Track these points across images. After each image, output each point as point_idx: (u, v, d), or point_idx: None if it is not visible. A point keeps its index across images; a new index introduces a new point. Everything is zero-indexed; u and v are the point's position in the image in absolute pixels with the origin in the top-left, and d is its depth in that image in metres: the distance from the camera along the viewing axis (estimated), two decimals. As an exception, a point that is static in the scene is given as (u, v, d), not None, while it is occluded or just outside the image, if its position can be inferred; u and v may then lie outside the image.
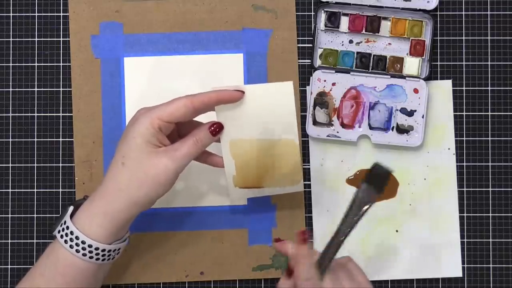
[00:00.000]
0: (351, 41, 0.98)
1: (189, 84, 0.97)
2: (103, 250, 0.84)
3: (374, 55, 0.97)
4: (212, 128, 0.85)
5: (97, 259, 0.84)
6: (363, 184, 0.81)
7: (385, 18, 0.97)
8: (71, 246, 0.83)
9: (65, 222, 0.84)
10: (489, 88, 0.98)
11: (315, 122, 0.97)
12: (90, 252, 0.83)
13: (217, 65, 0.98)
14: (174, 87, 0.97)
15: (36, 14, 0.98)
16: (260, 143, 0.87)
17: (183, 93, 0.90)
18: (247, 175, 0.89)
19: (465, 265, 0.97)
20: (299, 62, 0.98)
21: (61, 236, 0.84)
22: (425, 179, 0.97)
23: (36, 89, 0.98)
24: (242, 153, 0.87)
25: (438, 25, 0.98)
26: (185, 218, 0.97)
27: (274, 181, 0.90)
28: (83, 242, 0.83)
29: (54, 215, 0.97)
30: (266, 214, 0.97)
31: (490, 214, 0.97)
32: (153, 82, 0.97)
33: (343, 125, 0.97)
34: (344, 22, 0.98)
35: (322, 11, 0.98)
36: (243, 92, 0.85)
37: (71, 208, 0.85)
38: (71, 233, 0.83)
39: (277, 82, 0.86)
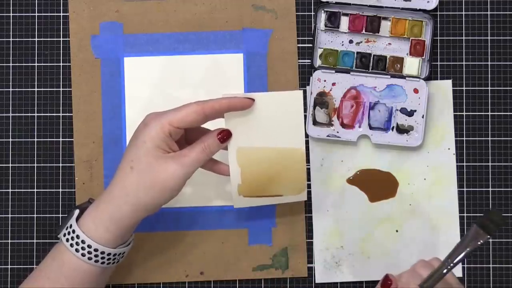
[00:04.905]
0: (351, 41, 0.98)
1: (190, 84, 0.97)
2: (109, 254, 0.84)
3: (374, 55, 0.97)
4: (220, 136, 0.85)
5: (102, 262, 0.84)
6: (475, 225, 0.80)
7: (385, 18, 0.97)
8: (76, 250, 0.83)
9: (70, 226, 0.84)
10: (489, 88, 0.98)
11: (315, 122, 0.97)
12: (96, 256, 0.83)
13: (217, 65, 0.98)
14: (175, 87, 0.97)
15: (36, 14, 0.98)
16: (267, 152, 0.87)
17: (184, 93, 0.90)
18: (253, 184, 0.88)
19: (465, 265, 0.97)
20: (299, 62, 0.98)
21: (67, 240, 0.84)
22: (425, 179, 0.97)
23: (36, 89, 0.98)
24: (248, 162, 0.87)
25: (438, 25, 0.98)
26: (185, 218, 0.97)
27: (278, 190, 0.89)
28: (89, 246, 0.83)
29: (54, 215, 0.97)
30: (266, 214, 0.97)
31: (490, 214, 0.97)
32: (153, 82, 0.97)
33: (343, 125, 0.97)
34: (344, 22, 0.98)
35: (322, 11, 0.98)
36: (253, 100, 0.85)
37: (76, 212, 0.85)
38: (77, 236, 0.83)
39: (286, 91, 0.86)
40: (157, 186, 0.83)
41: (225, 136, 0.86)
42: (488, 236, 0.78)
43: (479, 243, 0.79)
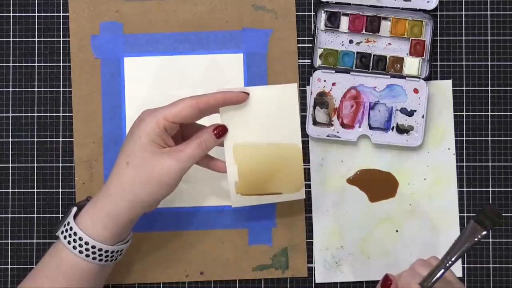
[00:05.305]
0: (351, 41, 0.98)
1: (190, 84, 0.97)
2: (106, 251, 0.84)
3: (374, 55, 0.97)
4: (216, 131, 0.85)
5: (100, 260, 0.84)
6: (472, 221, 0.80)
7: (385, 18, 0.97)
8: (74, 247, 0.83)
9: (68, 223, 0.84)
10: (489, 88, 0.98)
11: (315, 122, 0.97)
12: (94, 253, 0.83)
13: (217, 65, 0.98)
14: (174, 87, 0.97)
15: (36, 14, 0.98)
16: (264, 148, 0.87)
17: (183, 93, 0.90)
18: (250, 181, 0.88)
19: (465, 265, 0.97)
20: (299, 62, 0.98)
21: (65, 237, 0.84)
22: (425, 179, 0.97)
23: (36, 89, 0.98)
24: (245, 158, 0.87)
25: (438, 25, 0.98)
26: (185, 218, 0.97)
27: (276, 187, 0.89)
28: (86, 243, 0.83)
29: (54, 215, 0.97)
30: (266, 214, 0.97)
31: (490, 214, 0.97)
32: (153, 82, 0.97)
33: (343, 125, 0.97)
34: (344, 22, 0.98)
35: (322, 11, 0.98)
36: (248, 94, 0.85)
37: (74, 209, 0.85)
38: (75, 234, 0.83)
39: (281, 84, 0.86)
40: (153, 181, 0.83)
41: (220, 131, 0.86)
42: (485, 232, 0.78)
43: (476, 239, 0.79)
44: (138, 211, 0.84)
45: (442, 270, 0.80)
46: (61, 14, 0.98)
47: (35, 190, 0.97)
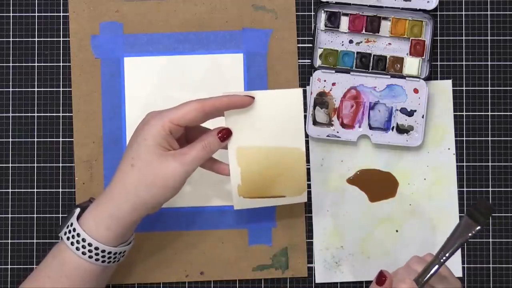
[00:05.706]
0: (351, 41, 0.98)
1: (190, 84, 0.97)
2: (109, 253, 0.84)
3: (374, 55, 0.97)
4: (221, 134, 0.85)
5: (103, 261, 0.84)
6: (465, 217, 0.81)
7: (385, 18, 0.97)
8: (77, 248, 0.83)
9: (71, 224, 0.84)
10: (489, 88, 0.98)
11: (315, 122, 0.97)
12: (96, 254, 0.83)
13: (217, 65, 0.98)
14: (174, 87, 0.97)
15: (36, 14, 0.98)
16: (267, 151, 0.87)
17: (184, 93, 0.90)
18: (252, 184, 0.88)
19: (465, 265, 0.97)
20: (299, 62, 0.98)
21: (68, 238, 0.84)
22: (425, 179, 0.97)
23: (36, 89, 0.98)
24: (248, 162, 0.87)
25: (438, 25, 0.98)
26: (185, 218, 0.97)
27: (278, 191, 0.89)
28: (89, 245, 0.83)
29: (54, 215, 0.97)
30: (266, 214, 0.97)
31: (490, 214, 0.97)
32: (153, 82, 0.97)
33: (343, 125, 0.97)
34: (344, 22, 0.98)
35: (322, 11, 0.98)
36: (253, 98, 0.85)
37: (77, 210, 0.85)
38: (78, 235, 0.83)
39: (286, 89, 0.86)
40: (157, 183, 0.83)
41: (225, 134, 0.86)
42: (479, 227, 0.79)
43: (470, 234, 0.79)
44: (141, 213, 0.84)
45: (437, 266, 0.80)
46: (61, 14, 0.98)
47: (35, 190, 0.97)
